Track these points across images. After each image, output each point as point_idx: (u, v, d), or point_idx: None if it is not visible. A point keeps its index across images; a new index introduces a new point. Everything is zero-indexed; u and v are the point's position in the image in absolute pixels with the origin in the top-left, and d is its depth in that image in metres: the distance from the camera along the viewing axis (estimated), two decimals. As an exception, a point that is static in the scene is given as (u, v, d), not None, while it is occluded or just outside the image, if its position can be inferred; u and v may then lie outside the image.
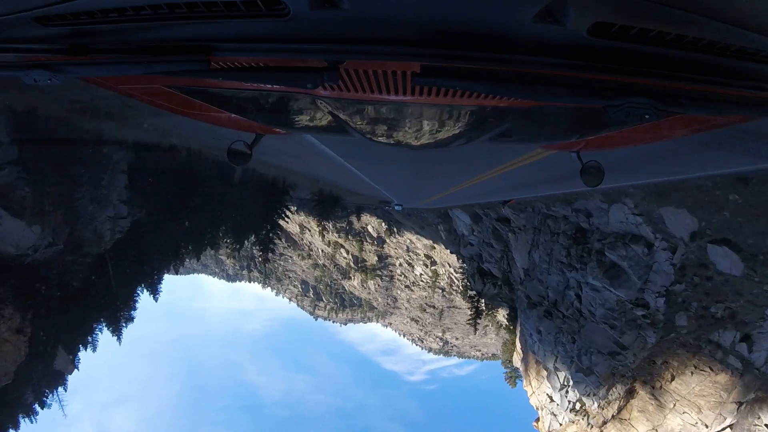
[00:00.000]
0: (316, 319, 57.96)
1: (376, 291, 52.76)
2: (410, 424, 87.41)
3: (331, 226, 47.86)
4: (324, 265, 53.16)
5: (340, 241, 50.13)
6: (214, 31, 0.83)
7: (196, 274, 59.94)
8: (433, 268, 44.74)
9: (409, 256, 46.11)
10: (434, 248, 38.82)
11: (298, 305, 58.26)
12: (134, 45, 0.86)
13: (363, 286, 52.95)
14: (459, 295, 42.27)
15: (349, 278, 53.18)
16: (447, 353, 54.33)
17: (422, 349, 55.22)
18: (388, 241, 46.91)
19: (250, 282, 59.12)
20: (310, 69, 0.90)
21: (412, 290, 49.75)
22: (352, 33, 0.78)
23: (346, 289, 55.11)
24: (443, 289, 45.46)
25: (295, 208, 33.24)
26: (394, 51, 0.80)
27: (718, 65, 0.85)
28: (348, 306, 56.75)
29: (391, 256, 49.54)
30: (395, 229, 44.04)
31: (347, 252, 51.46)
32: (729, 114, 1.09)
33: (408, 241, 42.82)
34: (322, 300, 56.91)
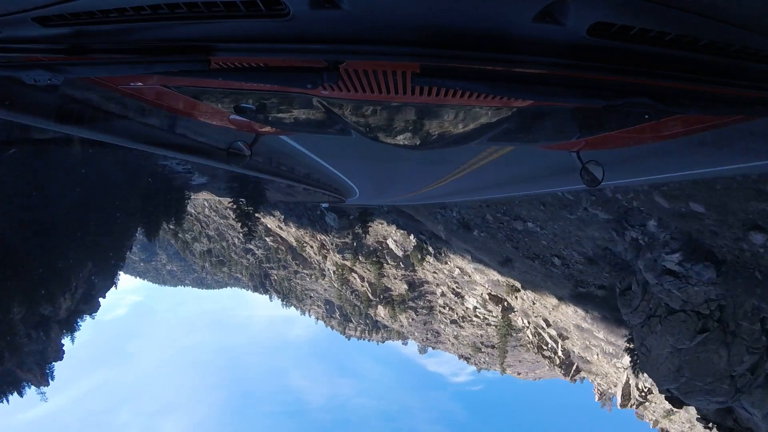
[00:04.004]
0: (349, 339, 47.74)
1: (411, 325, 39.49)
2: (455, 426, 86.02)
3: (329, 242, 35.57)
4: (340, 291, 41.15)
5: (347, 263, 36.85)
6: (214, 31, 0.83)
7: (230, 288, 55.96)
8: (508, 314, 29.67)
9: (456, 284, 32.00)
10: (518, 292, 23.58)
11: (326, 325, 47.98)
12: (134, 45, 0.86)
13: (393, 318, 39.60)
14: (559, 369, 27.92)
15: (374, 307, 40.24)
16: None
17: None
18: (419, 263, 33.53)
19: (271, 300, 50.57)
20: (310, 69, 0.90)
21: (461, 326, 36.04)
22: (352, 33, 0.78)
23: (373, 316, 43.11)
24: (513, 327, 30.71)
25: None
26: (394, 51, 0.80)
27: (718, 65, 0.85)
28: (381, 327, 44.02)
29: (428, 282, 35.34)
30: (430, 248, 29.82)
31: (361, 279, 37.95)
32: (729, 114, 1.10)
33: (456, 270, 29.22)
34: (352, 321, 45.56)
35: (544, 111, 1.35)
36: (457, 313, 35.39)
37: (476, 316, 33.75)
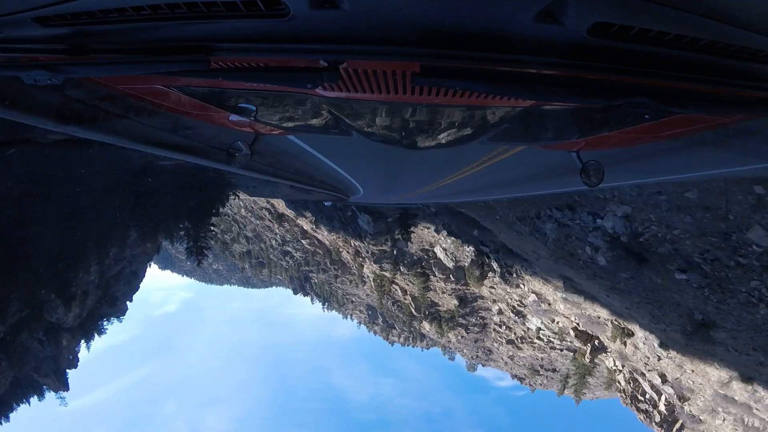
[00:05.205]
0: (392, 345, 44.12)
1: (460, 342, 34.78)
2: (497, 431, 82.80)
3: (363, 249, 31.27)
4: (381, 301, 36.90)
5: (387, 274, 32.01)
6: (214, 31, 0.83)
7: (275, 287, 55.59)
8: (598, 354, 23.17)
9: (518, 302, 27.01)
10: (630, 337, 16.67)
11: (368, 330, 44.38)
12: (134, 45, 0.86)
13: (440, 335, 34.91)
14: (659, 428, 19.12)
15: (418, 321, 35.78)
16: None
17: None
18: (477, 283, 27.89)
19: (312, 303, 48.59)
20: (310, 69, 0.90)
21: (519, 347, 30.75)
22: (352, 33, 0.78)
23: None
24: (596, 366, 24.64)
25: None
26: (393, 51, 0.80)
27: (718, 65, 0.85)
28: (426, 336, 39.44)
29: (482, 297, 30.04)
30: (494, 264, 23.49)
31: (404, 291, 33.13)
32: (729, 114, 1.09)
33: (531, 295, 23.54)
34: (395, 328, 41.16)
35: (544, 111, 1.35)
36: (515, 333, 29.94)
37: (539, 338, 28.20)
